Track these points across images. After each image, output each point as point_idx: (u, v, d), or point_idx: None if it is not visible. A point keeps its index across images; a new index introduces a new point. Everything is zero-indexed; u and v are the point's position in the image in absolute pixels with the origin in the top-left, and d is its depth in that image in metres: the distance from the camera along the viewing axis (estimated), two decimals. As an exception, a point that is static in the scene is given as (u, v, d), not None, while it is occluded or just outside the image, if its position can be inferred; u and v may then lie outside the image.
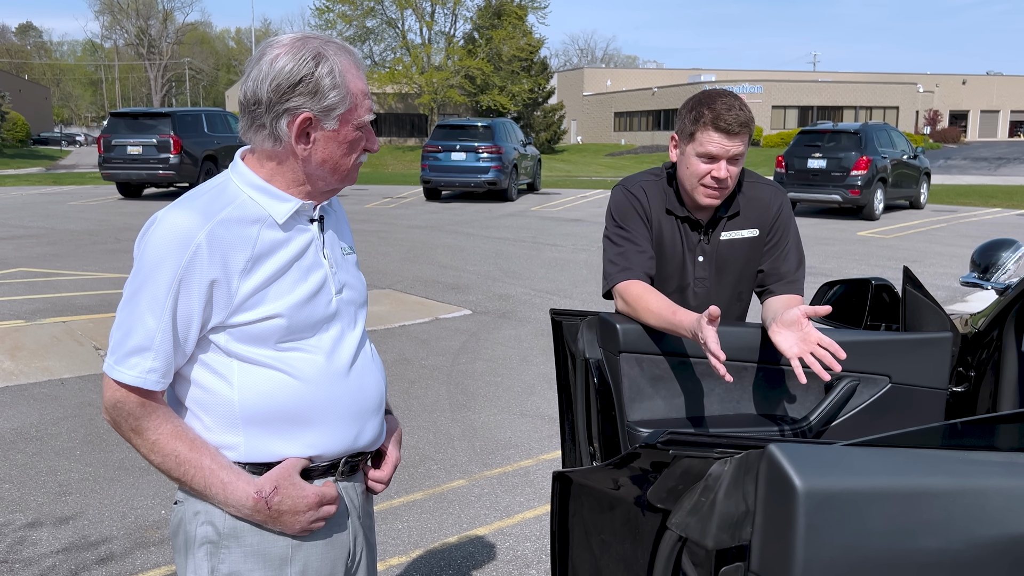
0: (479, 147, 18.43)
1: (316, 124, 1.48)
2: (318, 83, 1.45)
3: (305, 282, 1.52)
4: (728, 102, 2.20)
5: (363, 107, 1.52)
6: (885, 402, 2.27)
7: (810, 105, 48.40)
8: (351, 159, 1.54)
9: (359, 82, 1.51)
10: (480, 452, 4.60)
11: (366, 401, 1.60)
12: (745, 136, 2.21)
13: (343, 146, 1.52)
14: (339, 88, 1.47)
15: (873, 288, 2.56)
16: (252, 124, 1.48)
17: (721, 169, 2.21)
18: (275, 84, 1.44)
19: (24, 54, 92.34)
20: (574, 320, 2.36)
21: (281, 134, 1.47)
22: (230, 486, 1.46)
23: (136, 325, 1.43)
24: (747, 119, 2.20)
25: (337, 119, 1.49)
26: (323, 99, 1.46)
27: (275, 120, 1.46)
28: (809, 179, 15.77)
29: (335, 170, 1.54)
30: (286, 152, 1.50)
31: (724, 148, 2.20)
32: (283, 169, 1.52)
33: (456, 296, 8.64)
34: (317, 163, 1.51)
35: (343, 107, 1.48)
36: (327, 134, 1.49)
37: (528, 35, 46.15)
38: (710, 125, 2.20)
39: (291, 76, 1.44)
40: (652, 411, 2.20)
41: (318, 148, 1.50)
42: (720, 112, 2.18)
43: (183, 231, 1.41)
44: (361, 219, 15.56)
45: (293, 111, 1.45)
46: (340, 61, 1.48)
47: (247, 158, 1.55)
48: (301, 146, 1.49)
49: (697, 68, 63.50)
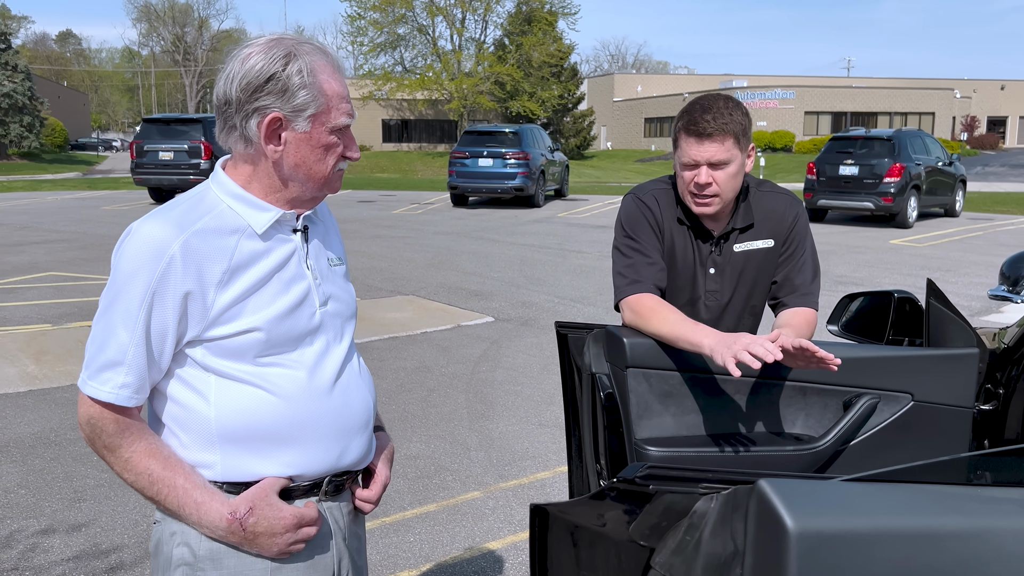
0: (506, 153, 18.38)
1: (286, 125, 1.43)
2: (287, 82, 1.40)
3: (286, 294, 1.47)
4: (707, 105, 2.12)
5: (338, 110, 1.46)
6: (907, 421, 2.17)
7: (843, 111, 47.77)
8: (327, 165, 1.48)
9: (334, 84, 1.45)
10: (496, 463, 4.52)
11: (351, 418, 1.54)
12: (723, 140, 2.11)
13: (317, 150, 1.46)
14: (309, 88, 1.42)
15: (896, 300, 2.46)
16: (225, 125, 1.44)
17: (701, 175, 2.13)
18: (245, 83, 1.40)
19: (64, 61, 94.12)
20: (580, 333, 2.29)
21: (251, 135, 1.42)
22: (204, 506, 1.40)
23: (109, 339, 1.39)
24: (727, 123, 2.10)
25: (308, 120, 1.43)
26: (292, 99, 1.41)
27: (245, 120, 1.42)
28: (841, 186, 15.51)
29: (310, 176, 1.48)
30: (258, 154, 1.45)
31: (699, 152, 2.12)
32: (258, 174, 1.47)
33: (479, 303, 8.59)
34: (290, 167, 1.46)
35: (314, 108, 1.43)
36: (298, 136, 1.44)
37: (558, 41, 46.06)
38: (684, 131, 2.14)
39: (260, 75, 1.40)
40: (661, 428, 2.11)
41: (290, 151, 1.45)
42: (695, 117, 2.11)
43: (156, 242, 1.37)
44: (387, 225, 15.58)
45: (262, 111, 1.41)
46: (312, 61, 1.43)
47: (227, 166, 1.50)
48: (271, 147, 1.43)
49: (729, 74, 63.03)
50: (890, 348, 2.33)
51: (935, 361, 2.18)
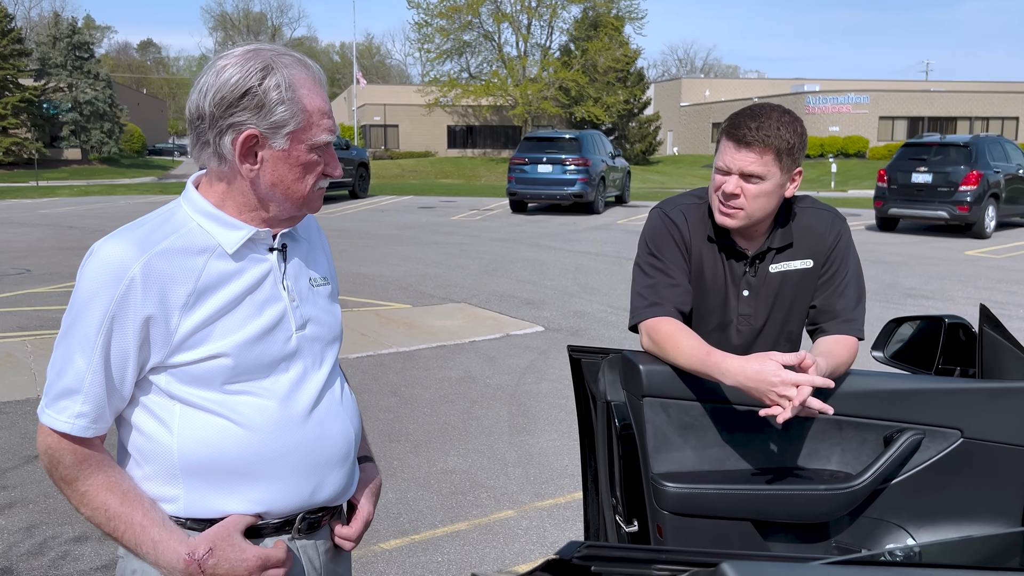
0: (566, 159, 18.22)
1: (263, 142, 1.33)
2: (263, 97, 1.31)
3: (259, 317, 1.37)
4: (757, 113, 1.96)
5: (319, 127, 1.36)
6: (955, 460, 1.98)
7: (920, 116, 46.19)
8: (306, 183, 1.39)
9: (315, 99, 1.35)
10: (534, 480, 4.40)
11: (327, 451, 1.44)
12: (762, 153, 1.94)
13: (295, 169, 1.36)
14: (288, 104, 1.32)
15: (946, 326, 2.25)
16: (197, 141, 1.35)
17: (730, 183, 1.97)
18: (219, 97, 1.31)
19: (144, 69, 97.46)
20: (595, 358, 2.14)
21: (225, 152, 1.33)
22: (161, 545, 1.32)
23: (67, 366, 1.31)
24: (770, 136, 1.93)
25: (287, 138, 1.33)
26: (269, 115, 1.31)
27: (219, 137, 1.32)
28: (913, 194, 14.90)
29: (288, 195, 1.38)
30: (233, 172, 1.36)
31: (734, 160, 1.97)
32: (233, 192, 1.38)
33: (530, 312, 8.47)
34: (267, 186, 1.36)
35: (293, 124, 1.33)
36: (276, 154, 1.34)
37: (624, 46, 45.65)
38: (725, 133, 2.00)
39: (235, 89, 1.30)
40: (680, 463, 1.96)
41: (267, 169, 1.35)
42: (739, 122, 1.96)
43: (116, 264, 1.29)
44: (445, 231, 15.59)
45: (237, 127, 1.31)
46: (291, 74, 1.33)
47: (200, 183, 1.42)
48: (247, 166, 1.34)
49: (800, 78, 61.57)
50: (937, 379, 2.14)
51: (987, 395, 1.98)
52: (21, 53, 39.05)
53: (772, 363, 1.75)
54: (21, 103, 37.61)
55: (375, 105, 50.88)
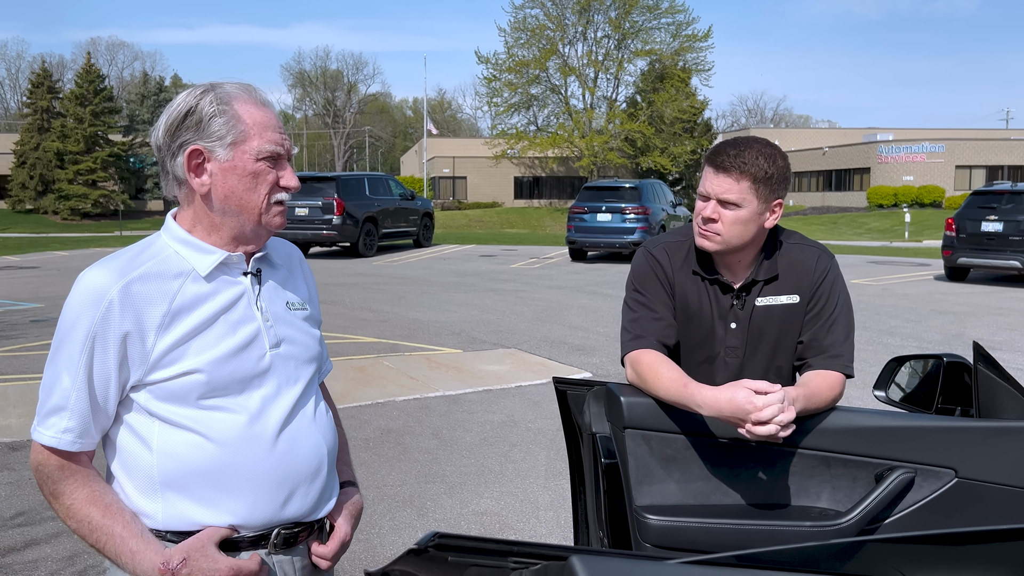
0: (625, 208, 18.27)
1: (208, 156, 1.45)
2: (200, 113, 1.43)
3: (233, 335, 1.47)
4: (739, 142, 2.03)
5: (262, 137, 1.46)
6: (949, 500, 1.94)
7: (999, 164, 44.85)
8: (259, 194, 1.48)
9: (254, 111, 1.47)
10: (564, 525, 4.38)
11: (296, 466, 1.52)
12: (739, 180, 1.99)
13: (244, 179, 1.46)
14: (223, 115, 1.44)
15: (945, 365, 2.22)
16: (163, 172, 1.49)
17: (708, 207, 2.03)
18: (168, 124, 1.45)
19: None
20: (580, 390, 2.18)
21: (179, 173, 1.46)
22: (138, 555, 1.40)
23: (54, 385, 1.43)
24: (747, 164, 1.98)
25: (229, 148, 1.45)
26: (207, 128, 1.44)
27: (172, 160, 1.46)
28: (983, 243, 14.46)
29: (242, 208, 1.48)
30: (191, 192, 1.48)
31: (711, 185, 2.03)
32: (198, 214, 1.50)
33: (579, 358, 8.47)
34: (220, 199, 1.47)
35: (232, 136, 1.44)
36: (223, 166, 1.46)
37: (691, 97, 45.80)
38: (706, 160, 2.07)
39: (179, 112, 1.45)
40: (663, 496, 1.98)
41: (217, 182, 1.46)
42: (720, 149, 2.03)
43: (96, 289, 1.41)
44: (504, 279, 15.74)
45: (184, 146, 1.44)
46: (227, 91, 1.46)
47: (177, 215, 1.54)
48: (198, 181, 1.46)
49: (873, 127, 60.62)
50: (930, 417, 2.11)
51: (983, 434, 1.95)
52: (112, 111, 41.36)
53: (744, 390, 1.77)
54: (110, 157, 39.70)
55: (444, 158, 52.00)
